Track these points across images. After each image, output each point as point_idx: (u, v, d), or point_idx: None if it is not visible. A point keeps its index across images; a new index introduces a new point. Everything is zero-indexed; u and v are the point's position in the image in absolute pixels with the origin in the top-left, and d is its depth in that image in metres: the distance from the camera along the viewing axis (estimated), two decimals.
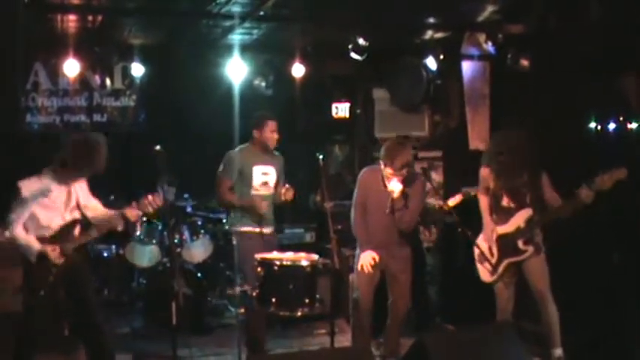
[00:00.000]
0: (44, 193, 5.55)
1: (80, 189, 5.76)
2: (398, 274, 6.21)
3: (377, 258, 6.04)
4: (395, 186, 5.89)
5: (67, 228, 5.62)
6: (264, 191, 6.59)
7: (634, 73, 6.72)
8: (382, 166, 5.98)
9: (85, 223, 5.75)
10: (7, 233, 5.50)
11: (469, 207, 6.65)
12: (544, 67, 7.26)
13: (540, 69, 7.30)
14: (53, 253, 5.47)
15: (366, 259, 6.06)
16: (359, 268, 6.12)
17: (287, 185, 6.61)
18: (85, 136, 5.86)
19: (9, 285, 5.82)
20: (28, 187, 5.52)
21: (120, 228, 6.12)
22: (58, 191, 5.62)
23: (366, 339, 6.24)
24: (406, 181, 6.02)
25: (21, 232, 5.49)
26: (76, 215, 5.70)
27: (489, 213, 6.32)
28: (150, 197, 5.62)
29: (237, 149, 6.67)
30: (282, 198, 6.56)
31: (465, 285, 7.07)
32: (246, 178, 6.56)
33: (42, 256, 5.46)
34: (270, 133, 6.58)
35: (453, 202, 7.23)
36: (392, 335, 6.38)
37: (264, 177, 6.61)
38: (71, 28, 7.58)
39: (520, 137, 6.14)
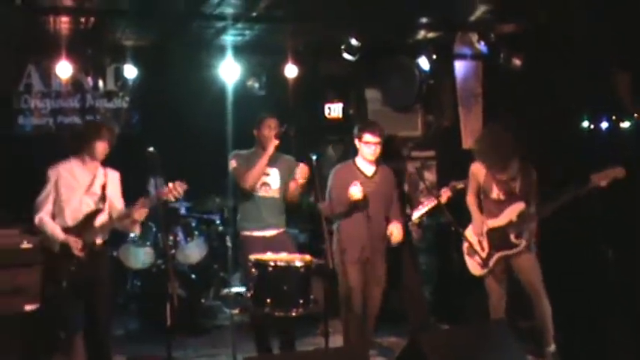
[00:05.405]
0: (68, 174, 5.68)
1: (111, 181, 5.86)
2: (377, 263, 6.39)
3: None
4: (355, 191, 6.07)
5: (88, 218, 5.69)
6: (263, 192, 6.38)
7: (627, 72, 6.74)
8: None
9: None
10: (36, 220, 5.61)
11: (460, 203, 6.64)
12: (536, 66, 7.28)
13: (533, 68, 7.32)
14: (75, 244, 5.54)
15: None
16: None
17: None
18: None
19: (8, 286, 5.88)
20: (54, 170, 5.68)
21: (137, 231, 6.14)
22: (81, 173, 5.73)
23: (362, 338, 6.29)
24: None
25: (47, 220, 5.61)
26: (97, 204, 5.73)
27: (478, 207, 6.36)
28: (171, 185, 5.58)
29: (245, 151, 6.49)
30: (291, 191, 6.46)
31: (460, 284, 7.08)
32: None
33: (64, 247, 5.53)
34: (267, 130, 6.30)
35: (444, 197, 7.14)
36: (367, 326, 6.46)
37: (264, 177, 6.35)
38: (64, 30, 7.55)
39: (503, 130, 6.21)
